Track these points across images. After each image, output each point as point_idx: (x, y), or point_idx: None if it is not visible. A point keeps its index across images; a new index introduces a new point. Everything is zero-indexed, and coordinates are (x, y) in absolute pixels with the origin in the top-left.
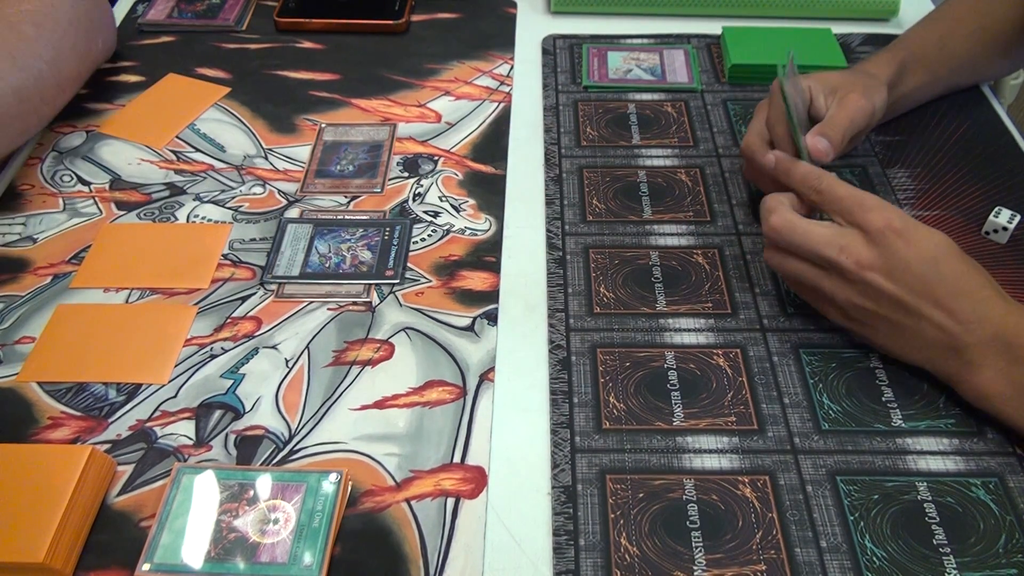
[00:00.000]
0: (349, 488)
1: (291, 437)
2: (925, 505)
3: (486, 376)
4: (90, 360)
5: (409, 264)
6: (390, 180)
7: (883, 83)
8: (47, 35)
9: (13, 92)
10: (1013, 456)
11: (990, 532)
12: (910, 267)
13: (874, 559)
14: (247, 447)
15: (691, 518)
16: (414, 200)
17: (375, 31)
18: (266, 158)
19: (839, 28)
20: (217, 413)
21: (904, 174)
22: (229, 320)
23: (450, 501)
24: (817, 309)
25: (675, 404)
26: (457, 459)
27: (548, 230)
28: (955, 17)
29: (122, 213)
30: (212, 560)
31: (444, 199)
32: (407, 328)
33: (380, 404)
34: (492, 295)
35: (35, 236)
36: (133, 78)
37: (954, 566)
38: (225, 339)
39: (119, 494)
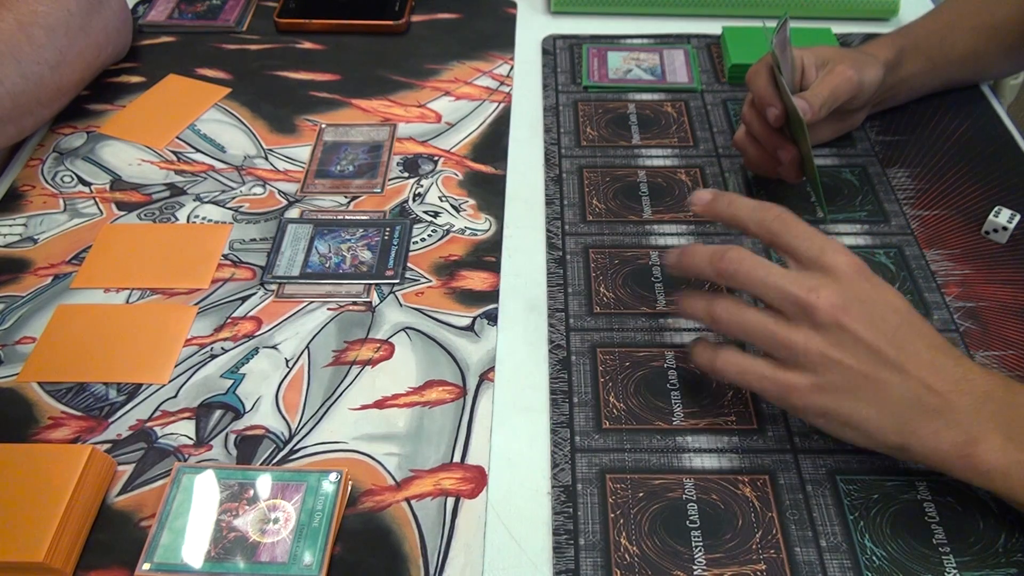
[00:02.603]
0: (349, 488)
1: (291, 437)
2: (925, 504)
3: (486, 376)
4: (90, 360)
5: (409, 264)
6: (390, 180)
7: (879, 62)
8: (57, 39)
9: (11, 97)
10: None
11: (990, 531)
12: (885, 316)
13: (874, 558)
14: (247, 447)
15: (691, 517)
16: (414, 200)
17: (375, 31)
18: (266, 158)
19: (839, 28)
20: (217, 413)
21: (904, 174)
22: (229, 320)
23: (450, 501)
24: (775, 399)
25: (675, 403)
26: (457, 459)
27: (548, 230)
28: (961, 12)
29: (122, 213)
30: (212, 560)
31: (444, 199)
32: (407, 328)
33: (380, 404)
34: (492, 295)
35: (36, 236)
36: (134, 79)
37: (954, 565)
38: (225, 339)
39: (119, 494)
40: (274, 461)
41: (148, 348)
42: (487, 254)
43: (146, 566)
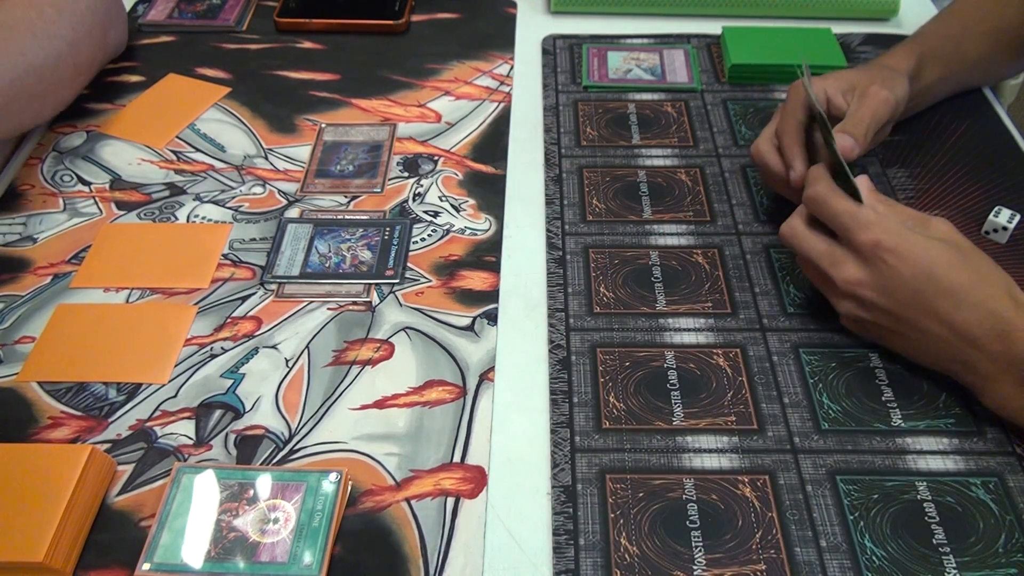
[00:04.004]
0: (349, 488)
1: (291, 437)
2: (925, 505)
3: (486, 376)
4: (90, 360)
5: (409, 264)
6: (390, 180)
7: (904, 74)
8: (67, 17)
9: (34, 71)
10: (1013, 456)
11: (990, 532)
12: (904, 283)
13: (874, 558)
14: (247, 447)
15: (691, 518)
16: (414, 200)
17: (375, 31)
18: (266, 158)
19: (839, 28)
20: (217, 413)
21: (904, 174)
22: (229, 320)
23: (450, 501)
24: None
25: (675, 404)
26: (457, 459)
27: (548, 230)
28: (970, 16)
29: (122, 213)
30: (212, 560)
31: (444, 199)
32: (407, 328)
33: (380, 404)
34: (492, 295)
35: (35, 236)
36: (133, 78)
37: (954, 566)
38: (225, 339)
39: (119, 494)
40: (274, 461)
41: (148, 348)
42: (487, 254)
43: (146, 566)
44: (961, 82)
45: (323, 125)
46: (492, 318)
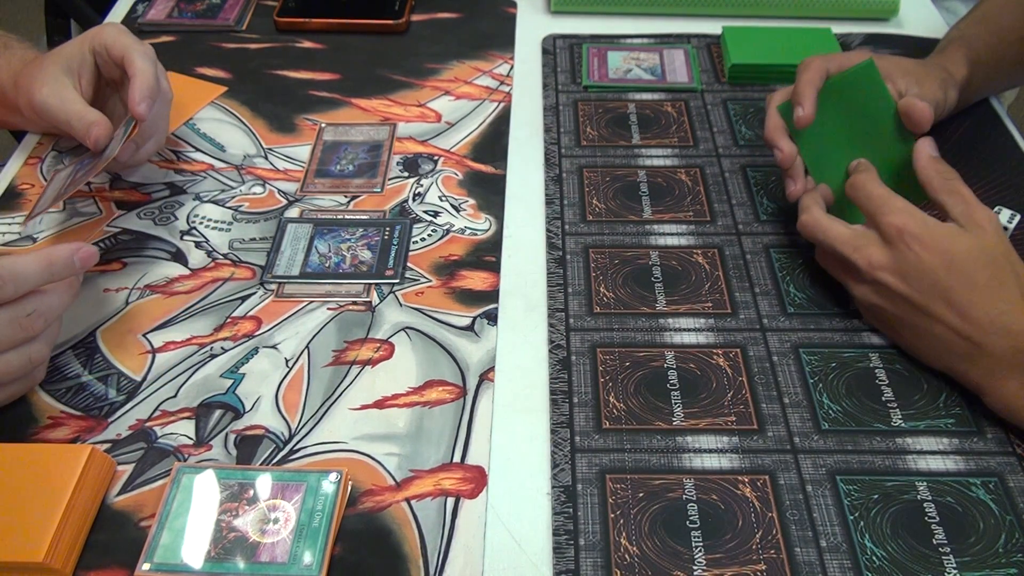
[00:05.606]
0: (349, 488)
1: (291, 437)
2: (925, 505)
3: (486, 376)
4: None
5: (409, 264)
6: (390, 180)
7: (958, 84)
8: None
9: None
10: (1013, 456)
11: (990, 532)
12: (923, 269)
13: (874, 559)
14: (247, 447)
15: (691, 518)
16: (414, 200)
17: (375, 31)
18: (266, 158)
19: (839, 28)
20: (217, 413)
21: None
22: (229, 320)
23: (450, 501)
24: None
25: (675, 404)
26: (457, 459)
27: (548, 230)
28: (1003, 25)
29: (122, 213)
30: (212, 560)
31: (444, 199)
32: (407, 328)
33: (380, 404)
34: (492, 295)
35: (35, 236)
36: None
37: (954, 566)
38: (225, 339)
39: (119, 494)
40: (274, 461)
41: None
42: (487, 254)
43: (146, 566)
44: (993, 88)
45: (323, 125)
46: (492, 318)
